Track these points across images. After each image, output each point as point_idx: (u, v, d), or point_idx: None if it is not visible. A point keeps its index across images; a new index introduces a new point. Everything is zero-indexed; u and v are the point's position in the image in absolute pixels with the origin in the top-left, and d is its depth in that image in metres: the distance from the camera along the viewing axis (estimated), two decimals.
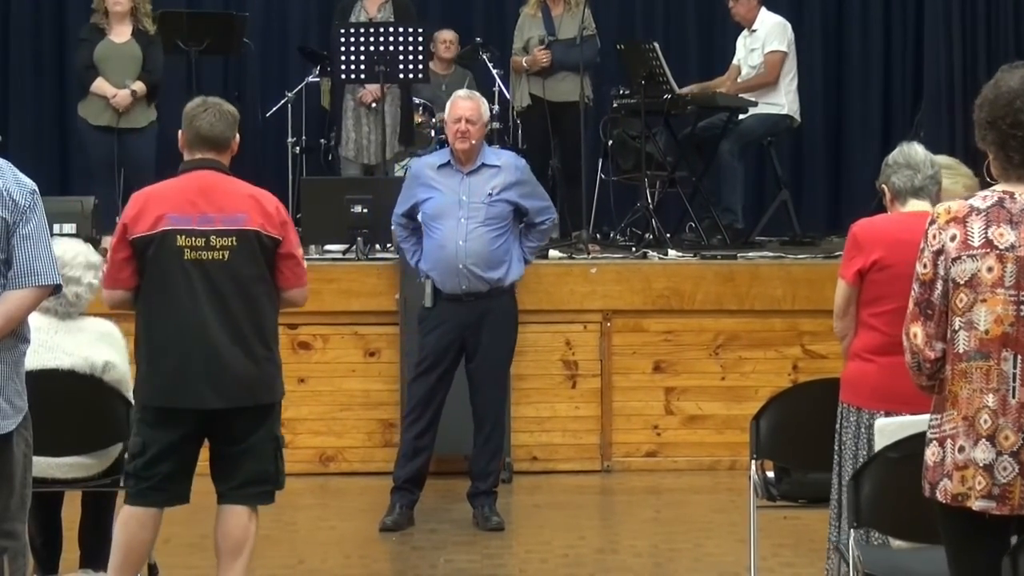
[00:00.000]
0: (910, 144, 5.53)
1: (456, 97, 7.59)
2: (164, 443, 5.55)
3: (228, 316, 5.51)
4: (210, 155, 5.63)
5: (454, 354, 7.51)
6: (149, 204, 5.57)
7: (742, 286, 9.07)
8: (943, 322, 3.95)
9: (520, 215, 7.53)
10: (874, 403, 5.28)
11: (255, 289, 5.56)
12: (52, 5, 11.94)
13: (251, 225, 5.53)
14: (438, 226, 7.43)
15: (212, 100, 5.74)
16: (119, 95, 9.88)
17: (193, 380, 5.49)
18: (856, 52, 12.09)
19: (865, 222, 5.49)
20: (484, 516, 7.61)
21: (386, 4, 10.45)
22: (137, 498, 5.61)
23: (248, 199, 5.58)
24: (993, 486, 3.86)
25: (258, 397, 5.58)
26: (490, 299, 7.44)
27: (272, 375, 5.64)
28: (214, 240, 5.50)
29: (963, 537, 3.96)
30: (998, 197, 3.93)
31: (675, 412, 9.03)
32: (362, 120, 10.46)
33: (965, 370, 3.92)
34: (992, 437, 3.87)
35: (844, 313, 5.45)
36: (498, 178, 7.46)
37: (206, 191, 5.56)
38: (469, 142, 7.42)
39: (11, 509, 4.67)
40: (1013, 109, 3.88)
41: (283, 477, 5.72)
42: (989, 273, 3.89)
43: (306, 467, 8.85)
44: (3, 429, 4.60)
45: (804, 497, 5.98)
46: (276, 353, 5.68)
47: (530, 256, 7.67)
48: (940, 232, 3.95)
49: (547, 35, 10.39)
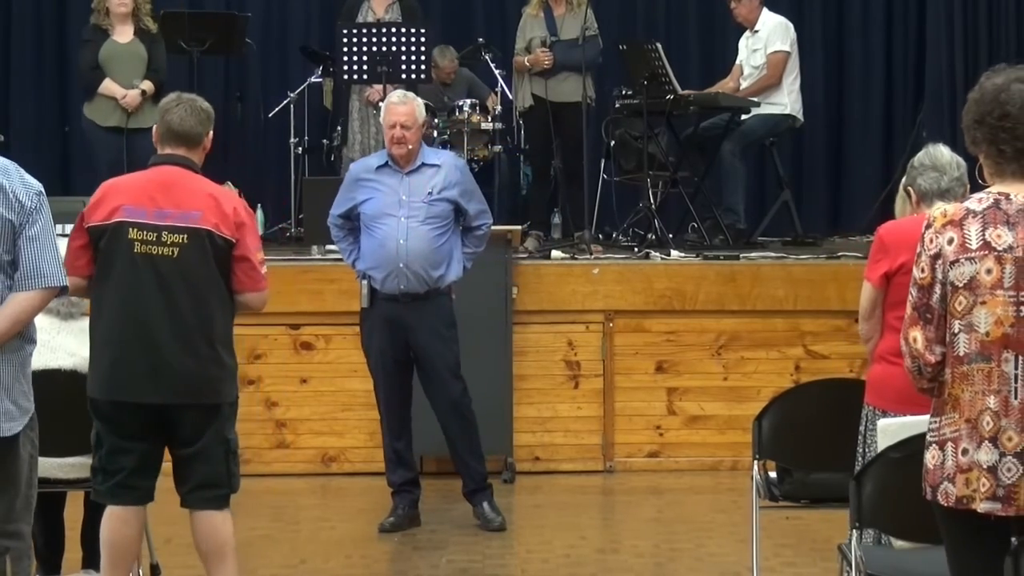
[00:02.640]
0: (935, 146, 5.50)
1: (390, 102, 7.53)
2: (118, 435, 5.52)
3: (174, 312, 5.45)
4: (180, 151, 5.60)
5: (398, 352, 7.46)
6: (108, 194, 5.56)
7: (744, 286, 9.07)
8: (942, 326, 3.94)
9: (460, 216, 7.50)
10: (899, 406, 5.23)
11: (204, 289, 5.49)
12: (53, 5, 11.93)
13: (204, 224, 5.47)
14: (379, 225, 7.40)
15: (187, 96, 5.71)
16: (129, 95, 9.87)
17: (132, 373, 5.45)
18: (857, 52, 12.08)
19: (891, 224, 5.46)
20: (484, 516, 7.61)
21: (393, 5, 10.46)
22: (107, 496, 5.59)
23: (206, 197, 5.52)
24: (998, 487, 3.85)
25: (200, 396, 5.50)
26: (426, 300, 7.39)
27: (216, 376, 5.54)
28: (166, 236, 5.45)
29: (965, 538, 3.96)
30: (994, 199, 3.92)
31: (677, 412, 9.04)
32: (369, 120, 10.45)
33: (966, 373, 3.91)
34: (995, 439, 3.87)
35: (870, 316, 5.42)
36: (438, 177, 7.43)
37: (166, 186, 5.52)
38: (406, 147, 7.40)
39: (16, 510, 4.67)
40: (999, 102, 3.88)
41: (236, 480, 5.64)
42: (988, 275, 3.88)
43: (308, 467, 8.86)
44: (10, 431, 4.60)
45: (806, 497, 5.97)
46: (224, 355, 5.56)
47: (467, 262, 7.57)
48: (937, 236, 3.94)
49: (549, 35, 10.38)
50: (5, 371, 4.59)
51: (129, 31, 10.04)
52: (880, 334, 5.42)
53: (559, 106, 10.33)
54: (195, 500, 5.58)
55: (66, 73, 11.75)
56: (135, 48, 10.01)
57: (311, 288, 8.95)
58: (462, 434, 7.57)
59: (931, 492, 3.96)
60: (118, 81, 9.93)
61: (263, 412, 8.89)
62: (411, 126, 7.41)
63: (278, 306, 8.77)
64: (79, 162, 11.58)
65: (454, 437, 7.58)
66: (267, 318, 8.67)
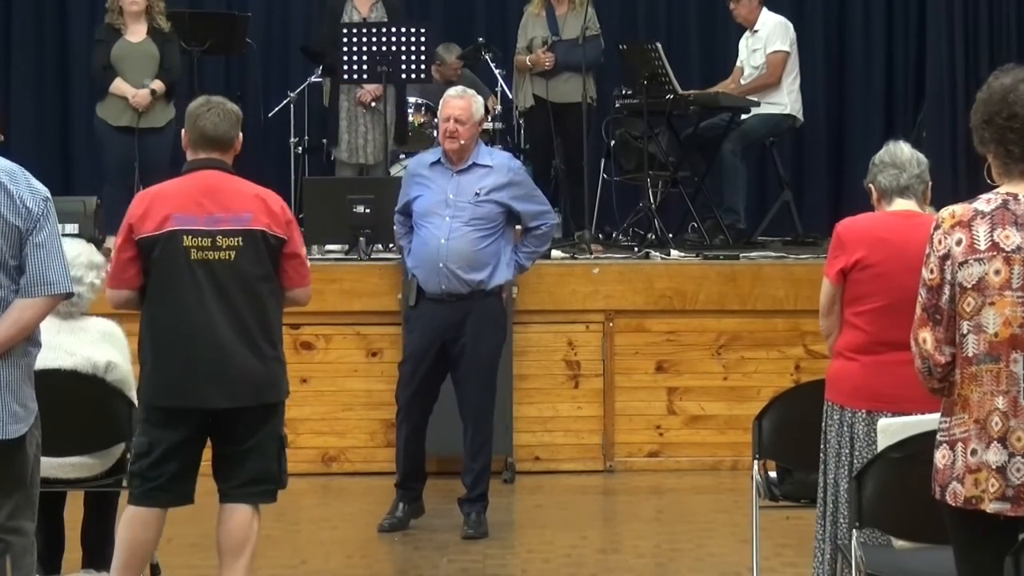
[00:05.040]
0: (896, 143, 5.53)
1: (448, 96, 7.50)
2: (170, 443, 5.54)
3: (234, 316, 5.50)
4: (214, 155, 5.62)
5: (435, 355, 7.41)
6: (155, 204, 5.56)
7: (744, 286, 9.07)
8: (952, 326, 3.93)
9: (514, 218, 7.47)
10: (856, 401, 5.30)
11: (261, 288, 5.55)
12: (54, 4, 11.93)
13: (257, 225, 5.52)
14: (425, 224, 7.37)
15: (216, 100, 5.72)
16: (139, 95, 9.85)
17: (199, 380, 5.49)
18: (858, 52, 12.08)
19: (849, 221, 5.49)
20: (467, 521, 7.49)
21: (377, 4, 10.45)
22: (143, 498, 5.60)
23: (254, 199, 5.58)
24: (1007, 487, 3.85)
25: (264, 396, 5.57)
26: (471, 301, 7.33)
27: (277, 374, 5.63)
28: (220, 240, 5.49)
29: (973, 538, 3.95)
30: (1002, 199, 3.92)
31: (677, 412, 9.04)
32: (357, 120, 10.45)
33: (975, 373, 3.90)
34: (1004, 439, 3.86)
35: (828, 312, 5.46)
36: (488, 179, 7.37)
37: (212, 191, 5.55)
38: (458, 142, 7.33)
39: (21, 507, 4.69)
40: (1008, 103, 3.88)
41: (286, 476, 5.71)
42: (996, 276, 3.88)
43: (308, 467, 8.86)
44: (17, 432, 4.61)
45: (806, 497, 5.97)
46: (281, 352, 5.68)
47: (526, 261, 7.55)
48: (946, 237, 3.94)
49: (551, 35, 10.38)
50: (12, 374, 4.60)
51: (142, 30, 10.02)
52: (839, 330, 5.43)
53: (560, 107, 10.33)
54: (243, 495, 5.60)
55: (67, 73, 11.75)
56: (147, 47, 9.99)
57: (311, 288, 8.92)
58: (474, 440, 7.50)
59: (940, 491, 3.96)
60: (129, 80, 9.91)
61: None
62: (465, 121, 7.32)
63: None
64: (79, 162, 11.59)
65: (469, 438, 7.51)
66: None
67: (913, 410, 4.85)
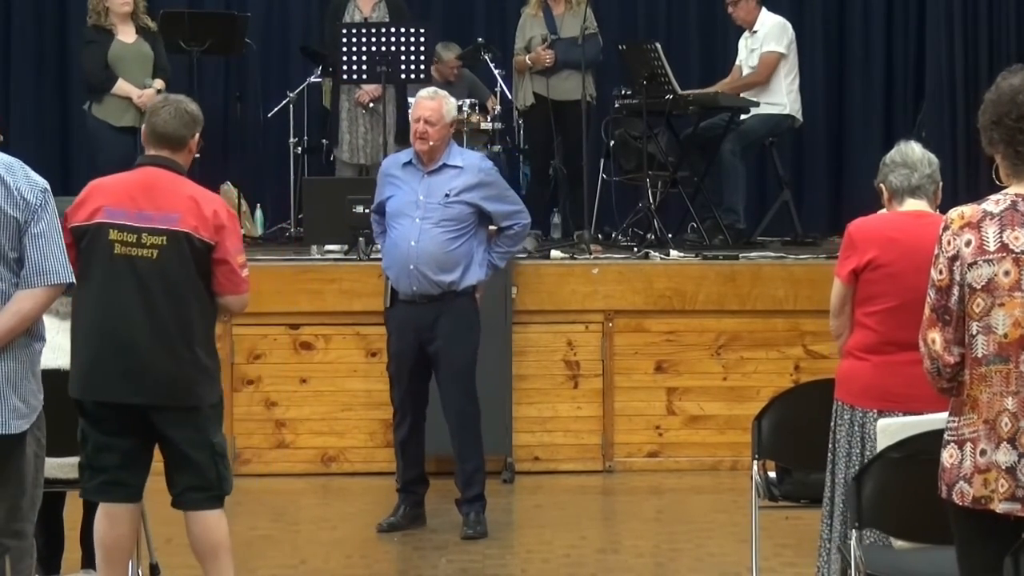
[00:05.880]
0: (907, 143, 5.53)
1: (419, 96, 7.47)
2: (99, 433, 5.52)
3: (152, 313, 5.45)
4: (164, 152, 5.60)
5: (416, 354, 7.40)
6: (91, 195, 5.58)
7: (744, 286, 9.08)
8: (961, 327, 3.93)
9: (486, 218, 7.44)
10: (867, 401, 5.31)
11: (183, 290, 5.49)
12: (54, 4, 11.93)
13: (183, 226, 5.47)
14: (395, 225, 7.36)
15: (173, 98, 5.72)
16: (144, 95, 9.81)
17: (109, 373, 5.45)
18: (858, 52, 12.07)
19: (860, 221, 5.50)
20: (466, 522, 7.49)
21: (379, 3, 10.46)
22: (94, 493, 5.61)
23: (187, 200, 5.52)
24: (1017, 488, 3.84)
25: (175, 397, 5.49)
26: (443, 302, 7.31)
27: (194, 378, 5.52)
28: (145, 238, 5.46)
29: (978, 538, 3.94)
30: (1011, 200, 3.92)
31: (677, 412, 9.04)
32: (357, 121, 10.46)
33: (984, 374, 3.90)
34: (1013, 439, 3.86)
35: (839, 312, 5.47)
36: (458, 179, 7.33)
37: (148, 188, 5.53)
38: (428, 143, 7.31)
39: (22, 509, 4.68)
40: (1017, 103, 3.88)
41: (227, 483, 5.64)
42: (1006, 277, 3.87)
43: (308, 467, 8.86)
44: (17, 428, 4.60)
45: (806, 497, 5.97)
46: (204, 357, 5.55)
47: (499, 262, 7.51)
48: (955, 237, 3.93)
49: (549, 34, 10.38)
50: (14, 368, 4.60)
51: (131, 30, 10.03)
52: (849, 330, 5.44)
53: (560, 104, 10.33)
54: (186, 501, 5.60)
55: (67, 73, 11.74)
56: (141, 47, 10.00)
57: (311, 288, 8.95)
58: (460, 442, 7.49)
59: (946, 490, 3.95)
60: (130, 81, 9.91)
61: (263, 412, 8.89)
62: (436, 122, 7.30)
63: (278, 306, 8.79)
64: (78, 162, 11.57)
65: (457, 442, 7.51)
66: (267, 318, 8.69)
67: (923, 410, 4.84)
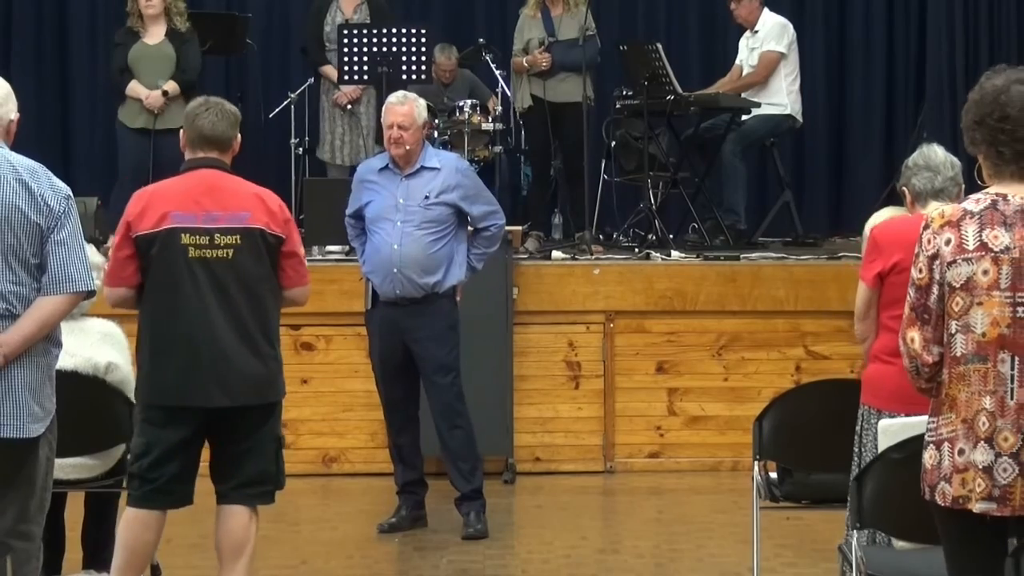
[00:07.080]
0: (930, 146, 5.52)
1: (389, 102, 7.46)
2: (169, 443, 5.53)
3: (234, 314, 5.50)
4: (212, 154, 5.63)
5: (400, 355, 7.41)
6: (153, 202, 5.56)
7: (745, 287, 9.08)
8: (940, 326, 3.94)
9: (463, 219, 7.43)
10: (894, 405, 5.28)
11: (260, 287, 5.55)
12: (54, 6, 11.92)
13: (255, 223, 5.52)
14: (376, 230, 7.37)
15: (214, 100, 5.73)
16: (151, 96, 9.82)
17: (200, 379, 5.48)
18: (858, 52, 12.07)
19: (884, 224, 5.49)
20: (466, 522, 7.49)
21: (361, 5, 10.46)
22: (142, 501, 5.58)
23: (252, 197, 5.58)
24: (993, 488, 3.86)
25: (264, 396, 5.57)
26: (425, 304, 7.33)
27: (276, 373, 5.63)
28: (218, 238, 5.49)
29: (962, 538, 3.97)
30: (991, 199, 3.93)
31: (678, 413, 9.04)
32: (337, 121, 10.47)
33: (963, 373, 3.91)
34: (991, 439, 3.87)
35: (865, 316, 5.46)
36: (436, 181, 7.35)
37: (211, 189, 5.55)
38: (403, 148, 7.32)
39: (30, 511, 4.67)
40: (999, 104, 3.89)
41: (283, 477, 5.70)
42: (985, 276, 3.88)
43: (308, 468, 8.86)
44: (33, 432, 4.60)
45: (807, 498, 5.98)
46: (279, 352, 5.68)
47: (477, 263, 7.49)
48: (935, 236, 3.95)
49: (547, 36, 10.38)
50: (32, 374, 4.61)
51: (160, 32, 10.00)
52: (875, 334, 5.43)
53: (558, 106, 10.32)
54: (241, 496, 5.60)
55: (67, 73, 11.74)
56: (164, 49, 9.97)
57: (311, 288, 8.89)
58: (450, 441, 7.48)
59: (929, 492, 3.97)
60: (145, 82, 9.90)
61: None
62: (408, 127, 7.33)
63: None
64: (79, 163, 11.58)
65: (444, 442, 7.52)
66: None
67: None
